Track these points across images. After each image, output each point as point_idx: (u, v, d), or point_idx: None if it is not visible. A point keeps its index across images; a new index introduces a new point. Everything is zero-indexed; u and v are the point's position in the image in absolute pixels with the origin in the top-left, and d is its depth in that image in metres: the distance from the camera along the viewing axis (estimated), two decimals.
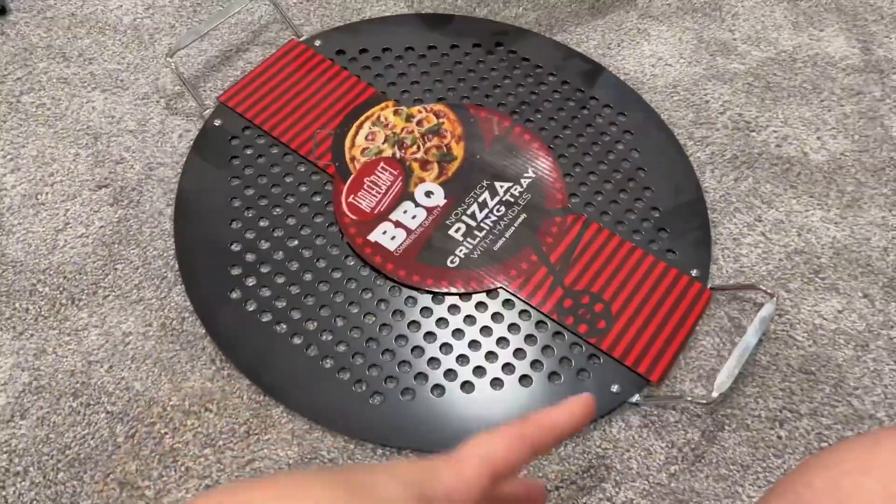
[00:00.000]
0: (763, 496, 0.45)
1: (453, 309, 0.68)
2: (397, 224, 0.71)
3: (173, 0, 0.86)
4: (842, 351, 0.68)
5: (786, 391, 0.66)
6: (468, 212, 0.73)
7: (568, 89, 0.82)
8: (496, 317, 0.68)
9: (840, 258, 0.73)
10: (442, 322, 0.67)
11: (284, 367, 0.64)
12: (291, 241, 0.70)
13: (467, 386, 0.64)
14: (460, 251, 0.70)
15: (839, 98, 0.84)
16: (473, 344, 0.66)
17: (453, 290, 0.69)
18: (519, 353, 0.66)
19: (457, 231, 0.71)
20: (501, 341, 0.67)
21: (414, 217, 0.72)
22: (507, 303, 0.68)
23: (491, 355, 0.66)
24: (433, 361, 0.65)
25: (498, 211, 0.73)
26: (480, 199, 0.73)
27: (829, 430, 0.64)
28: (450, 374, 0.65)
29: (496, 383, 0.65)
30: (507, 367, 0.65)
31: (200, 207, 0.72)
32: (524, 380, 0.65)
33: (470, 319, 0.68)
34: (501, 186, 0.74)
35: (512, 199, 0.74)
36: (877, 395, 0.65)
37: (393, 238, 0.71)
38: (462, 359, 0.66)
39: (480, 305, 0.68)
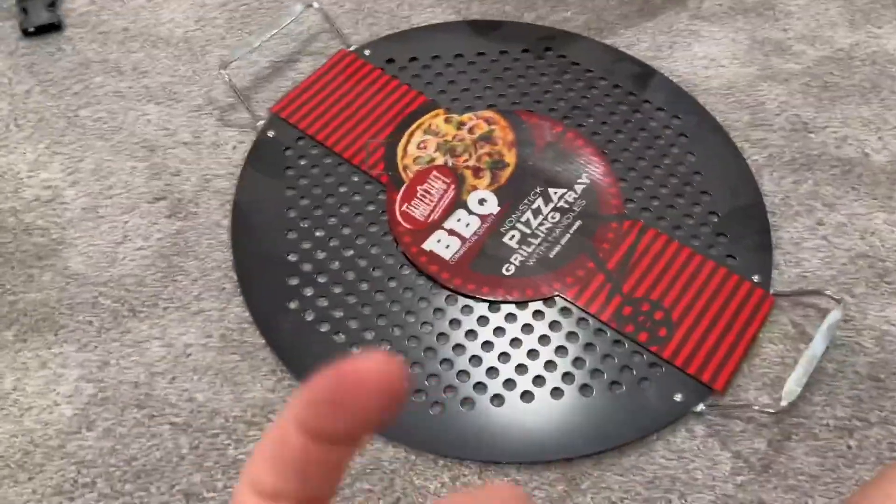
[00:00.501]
0: None
1: (510, 318, 0.68)
2: (451, 232, 0.71)
3: (223, 12, 0.87)
4: None
5: (854, 399, 0.64)
6: (522, 219, 0.72)
7: (619, 93, 0.81)
8: (554, 325, 0.67)
9: None
10: (499, 331, 0.67)
11: None
12: (347, 250, 0.70)
13: (527, 395, 0.64)
14: (515, 259, 0.70)
15: None
16: (532, 353, 0.66)
17: (510, 298, 0.68)
18: (578, 362, 0.65)
19: (511, 238, 0.71)
20: (560, 350, 0.66)
21: (468, 225, 0.72)
22: (565, 311, 0.68)
23: (550, 364, 0.65)
24: (492, 371, 0.65)
25: (552, 218, 0.72)
26: (534, 206, 0.73)
27: None
28: (509, 383, 0.64)
29: (556, 393, 0.64)
30: (567, 377, 0.65)
31: (257, 218, 0.72)
32: (584, 389, 0.64)
33: (527, 328, 0.67)
34: (555, 193, 0.74)
35: (566, 206, 0.73)
36: None
37: (447, 246, 0.70)
38: (521, 368, 0.65)
39: (537, 314, 0.68)
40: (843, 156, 0.78)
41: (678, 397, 0.63)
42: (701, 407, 0.63)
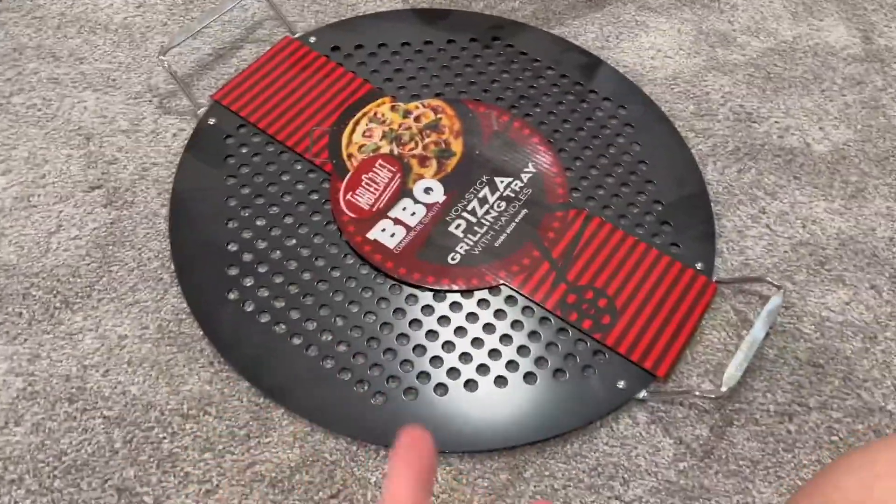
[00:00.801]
0: (791, 497, 0.44)
1: (455, 306, 0.67)
2: (396, 221, 0.70)
3: None
4: (850, 343, 0.67)
5: (794, 385, 0.65)
6: (468, 208, 0.71)
7: (567, 83, 0.81)
8: (499, 314, 0.67)
9: (846, 249, 0.72)
10: (444, 320, 0.66)
11: (284, 369, 0.63)
12: (289, 240, 0.69)
13: (471, 384, 0.63)
14: (461, 248, 0.69)
15: (841, 88, 0.83)
16: (476, 342, 0.65)
17: (455, 287, 0.67)
18: (523, 350, 0.65)
19: (457, 227, 0.70)
20: (505, 338, 0.65)
21: (413, 214, 0.71)
22: (510, 299, 0.67)
23: (494, 353, 0.65)
24: (436, 360, 0.64)
25: (498, 206, 0.72)
26: (480, 195, 0.72)
27: (840, 423, 0.63)
28: (453, 372, 0.64)
29: (500, 381, 0.63)
30: (511, 365, 0.64)
31: (196, 207, 0.70)
32: (528, 377, 0.64)
33: (472, 317, 0.66)
34: (501, 182, 0.73)
35: (512, 195, 0.72)
36: (886, 388, 0.64)
37: (392, 235, 0.69)
38: (465, 357, 0.64)
39: (482, 302, 0.67)
40: (785, 145, 0.78)
41: (621, 384, 0.63)
42: (644, 394, 0.63)
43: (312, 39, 0.82)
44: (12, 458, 0.58)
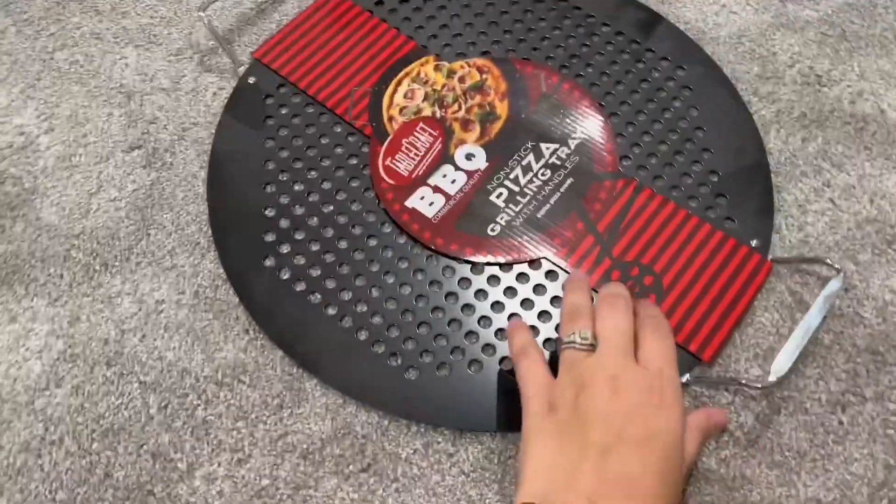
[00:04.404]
0: None
1: (493, 280, 0.65)
2: (436, 189, 0.68)
3: None
4: None
5: (850, 373, 0.61)
6: (511, 176, 0.69)
7: (622, 41, 0.76)
8: (538, 289, 0.64)
9: None
10: (481, 294, 0.64)
11: (318, 339, 0.62)
12: (326, 206, 0.68)
13: (506, 361, 0.61)
14: (501, 218, 0.67)
15: None
16: (514, 317, 0.63)
17: (493, 260, 0.65)
18: None
19: (498, 197, 0.68)
20: (543, 315, 0.63)
21: (453, 181, 0.68)
22: (551, 274, 0.65)
23: (532, 329, 0.63)
24: (471, 335, 0.63)
25: (543, 175, 0.69)
26: (524, 163, 0.69)
27: None
28: (488, 348, 0.62)
29: None
30: (549, 343, 0.62)
31: (234, 170, 0.69)
32: None
33: (511, 291, 0.64)
34: (547, 148, 0.70)
35: (558, 162, 0.69)
36: None
37: (431, 204, 0.67)
38: (501, 333, 0.63)
39: (522, 276, 0.65)
40: (857, 112, 0.73)
41: None
42: (687, 377, 0.60)
43: None
44: (53, 420, 0.59)
